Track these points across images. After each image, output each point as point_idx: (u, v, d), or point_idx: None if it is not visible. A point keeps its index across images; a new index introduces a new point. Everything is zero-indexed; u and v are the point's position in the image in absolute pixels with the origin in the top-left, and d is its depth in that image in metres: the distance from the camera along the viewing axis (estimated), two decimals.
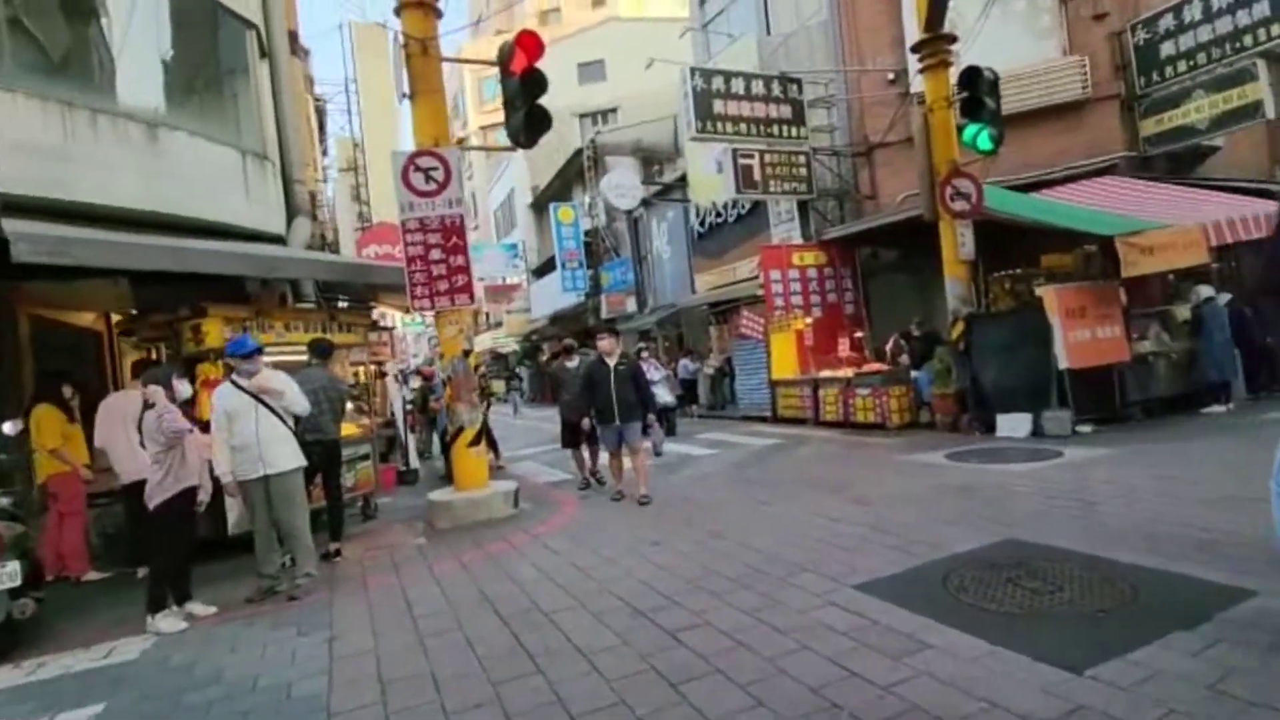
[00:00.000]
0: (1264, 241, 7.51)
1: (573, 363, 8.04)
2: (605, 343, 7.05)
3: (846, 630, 3.40)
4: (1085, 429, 8.14)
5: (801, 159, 12.74)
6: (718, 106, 11.80)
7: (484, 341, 35.36)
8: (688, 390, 15.77)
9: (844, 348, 12.01)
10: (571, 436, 7.85)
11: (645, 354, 12.97)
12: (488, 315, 36.49)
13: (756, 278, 13.63)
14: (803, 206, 13.76)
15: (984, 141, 8.68)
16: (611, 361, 6.94)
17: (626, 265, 22.50)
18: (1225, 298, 9.52)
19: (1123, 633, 3.05)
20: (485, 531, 6.32)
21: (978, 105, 8.63)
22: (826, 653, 3.18)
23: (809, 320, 12.24)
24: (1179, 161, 11.78)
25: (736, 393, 14.47)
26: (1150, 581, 3.57)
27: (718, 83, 11.85)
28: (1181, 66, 11.10)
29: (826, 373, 11.42)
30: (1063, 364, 8.14)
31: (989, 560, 4.15)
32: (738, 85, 12.00)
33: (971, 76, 8.68)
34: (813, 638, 3.36)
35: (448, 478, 8.19)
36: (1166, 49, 11.24)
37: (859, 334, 12.05)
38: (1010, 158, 11.61)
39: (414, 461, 10.39)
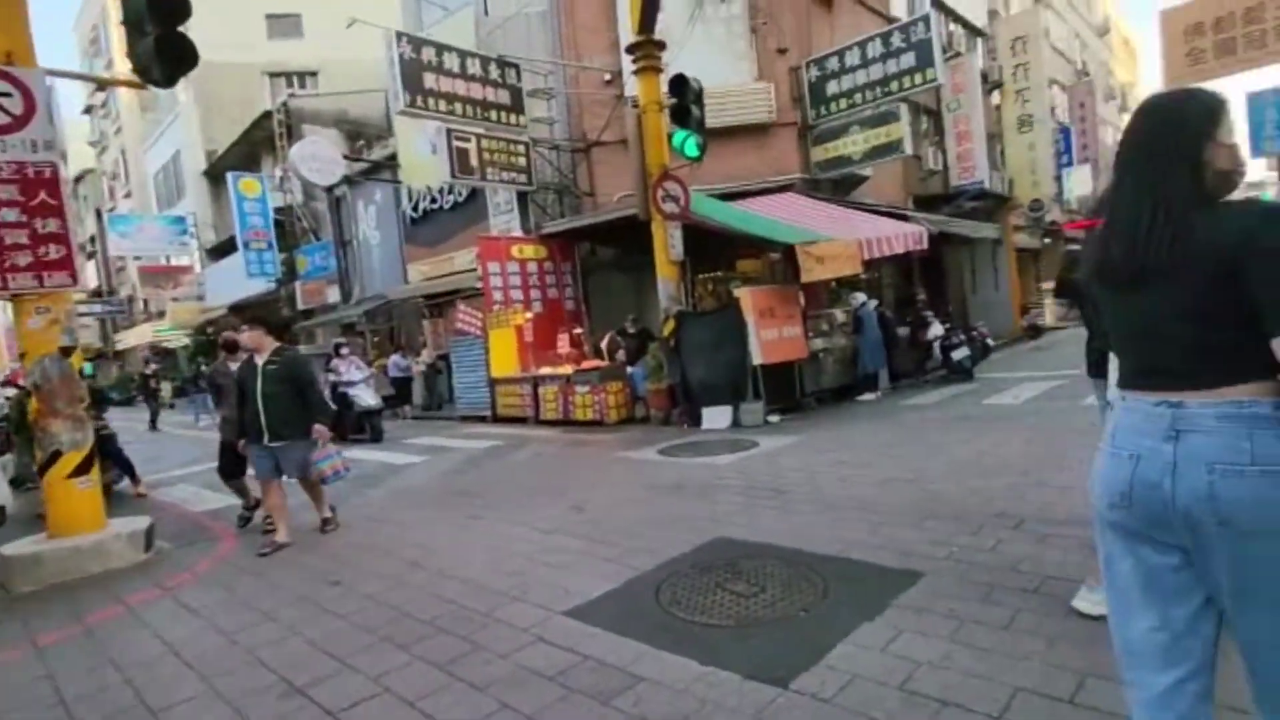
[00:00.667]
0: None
1: (237, 363, 6.41)
2: (246, 336, 5.46)
3: (555, 674, 2.94)
4: (774, 419, 8.94)
5: (521, 149, 12.29)
6: (429, 80, 10.78)
7: (143, 334, 29.03)
8: (400, 390, 14.40)
9: (564, 344, 11.86)
10: (231, 463, 6.05)
11: (345, 350, 11.42)
12: (145, 302, 30.02)
13: (475, 269, 12.88)
14: (523, 198, 13.35)
15: (691, 148, 9.06)
16: (260, 360, 5.37)
17: (328, 250, 20.02)
18: (874, 302, 11.29)
19: (820, 633, 3.03)
20: (92, 592, 4.70)
21: (685, 113, 8.98)
22: (529, 709, 2.67)
23: (529, 316, 11.86)
24: (840, 185, 13.80)
25: (454, 391, 13.56)
26: (837, 572, 3.71)
27: (429, 54, 10.82)
28: (843, 104, 12.95)
29: (547, 370, 11.14)
30: (756, 360, 8.84)
31: (701, 563, 4.04)
32: (451, 61, 11.11)
33: (680, 84, 9.00)
34: (515, 690, 2.83)
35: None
36: (832, 87, 13.02)
37: (578, 330, 12.01)
38: (713, 168, 12.49)
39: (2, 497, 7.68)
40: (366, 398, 10.74)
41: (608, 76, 12.86)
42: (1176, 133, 1.43)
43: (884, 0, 16.31)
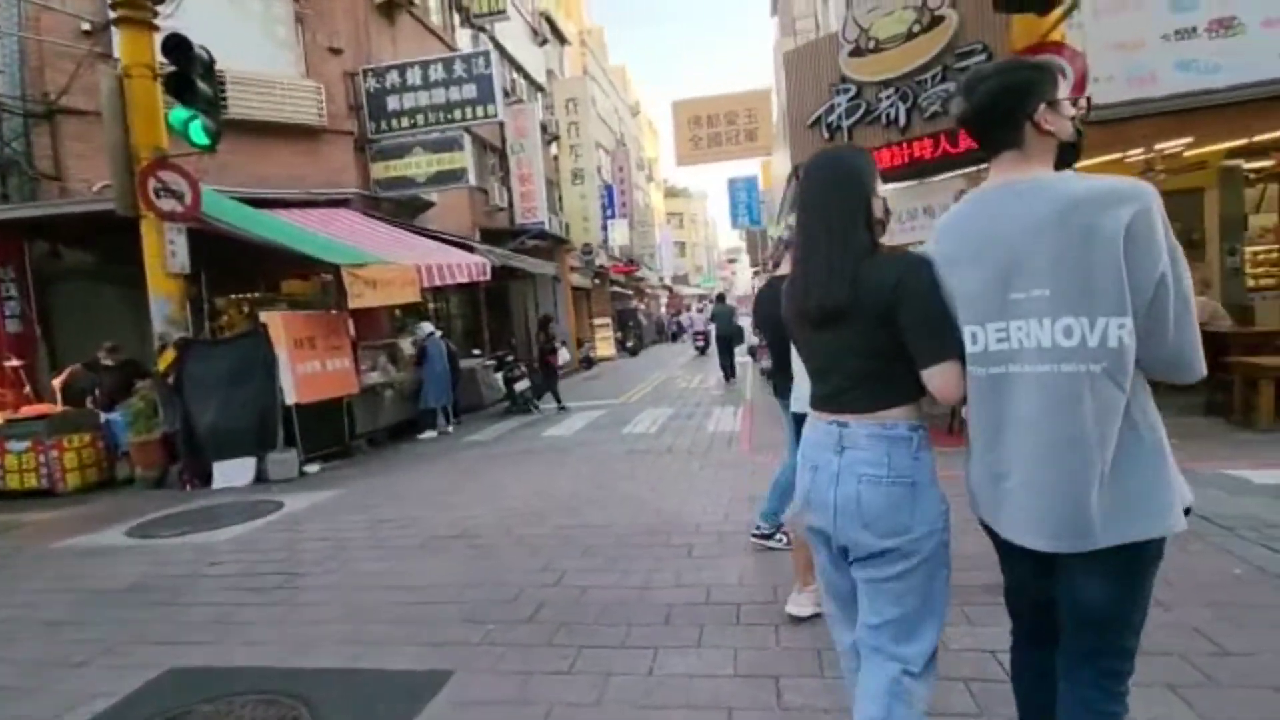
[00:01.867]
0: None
1: None
2: None
3: None
4: (313, 468, 7.52)
5: None
6: None
7: None
8: None
9: None
10: None
11: None
12: None
13: None
14: None
15: (197, 133, 7.13)
16: None
17: None
18: (439, 332, 10.69)
19: None
20: None
21: (188, 86, 7.02)
22: None
23: None
24: (405, 208, 12.96)
25: None
26: (340, 695, 2.77)
27: None
28: (405, 122, 12.21)
29: None
30: (290, 399, 7.32)
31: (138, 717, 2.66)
32: None
33: (180, 49, 7.00)
34: None
35: None
36: (393, 102, 12.17)
37: (17, 363, 8.48)
38: (245, 168, 10.41)
39: None
40: None
41: (87, 25, 9.69)
42: (854, 187, 1.62)
43: (450, 31, 16.21)
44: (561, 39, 26.25)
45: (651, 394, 13.53)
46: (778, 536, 3.99)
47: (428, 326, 10.06)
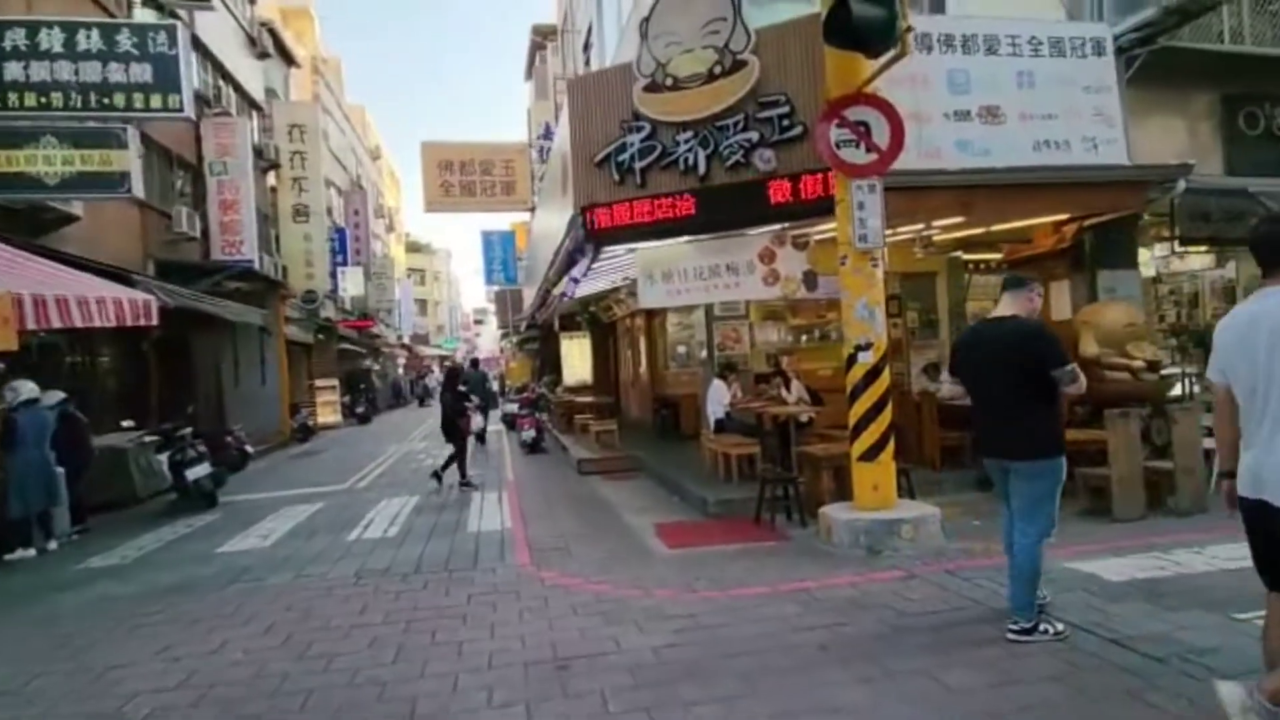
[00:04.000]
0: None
1: None
2: None
3: None
4: None
5: None
6: None
7: None
8: None
9: None
10: None
11: None
12: None
13: None
14: None
15: None
16: None
17: None
18: (56, 396, 7.25)
19: None
20: None
21: None
22: None
23: None
24: (26, 219, 9.12)
25: None
26: None
27: None
28: (31, 99, 8.67)
29: None
30: None
31: None
32: None
33: None
34: None
35: None
36: (12, 70, 8.59)
37: None
38: None
39: None
40: None
41: None
42: None
43: (125, 8, 12.51)
44: (289, 59, 22.81)
45: (388, 474, 10.99)
46: (1042, 628, 3.27)
47: (27, 387, 6.60)
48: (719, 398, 8.52)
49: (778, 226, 6.81)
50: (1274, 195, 7.43)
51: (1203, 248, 8.40)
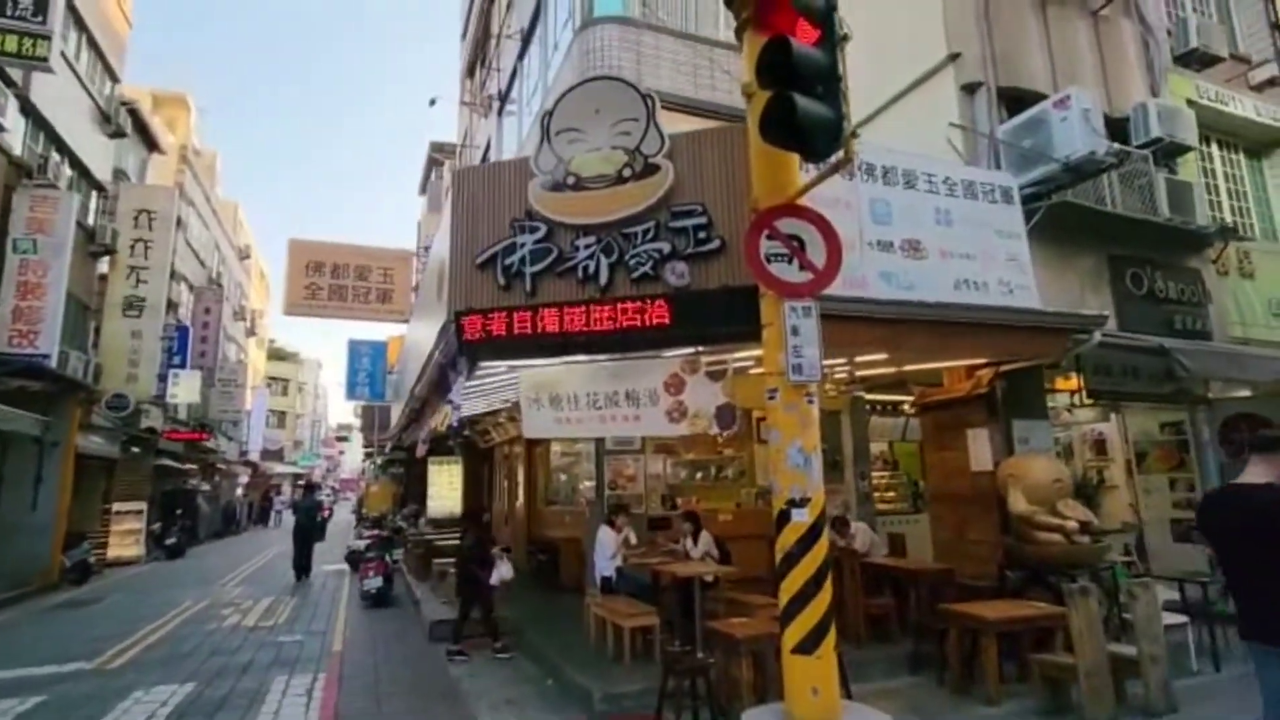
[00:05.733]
0: None
1: None
2: None
3: None
4: None
5: None
6: None
7: None
8: None
9: None
10: None
11: None
12: None
13: None
14: None
15: None
16: None
17: None
18: None
19: None
20: None
21: None
22: None
23: None
24: None
25: None
26: None
27: None
28: None
29: None
30: None
31: None
32: None
33: None
34: None
35: None
36: None
37: None
38: None
39: None
40: None
41: None
42: None
43: None
44: (151, 144, 20.81)
45: (166, 641, 8.28)
46: None
47: None
48: (606, 550, 7.11)
49: (689, 350, 5.84)
50: (1188, 353, 7.43)
51: (1104, 401, 8.28)
